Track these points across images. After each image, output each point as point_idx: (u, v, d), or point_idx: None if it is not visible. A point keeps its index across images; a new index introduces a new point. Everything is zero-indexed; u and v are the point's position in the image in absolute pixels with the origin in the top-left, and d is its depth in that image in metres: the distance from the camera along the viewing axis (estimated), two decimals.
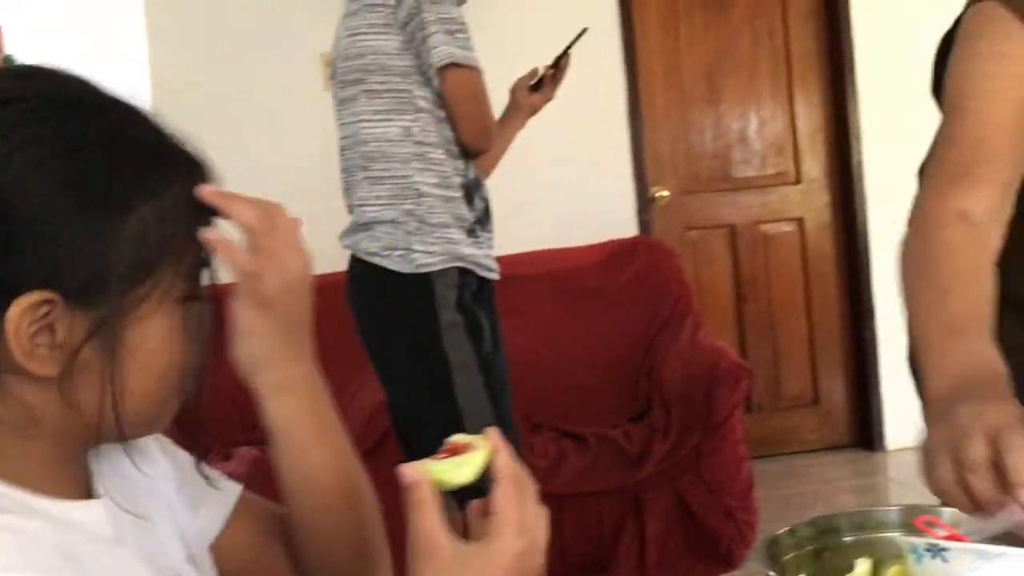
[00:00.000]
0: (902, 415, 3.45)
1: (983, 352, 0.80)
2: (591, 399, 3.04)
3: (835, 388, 3.84)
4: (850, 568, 0.72)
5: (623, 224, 3.56)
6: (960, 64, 1.00)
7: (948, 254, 0.88)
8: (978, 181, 0.92)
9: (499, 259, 2.02)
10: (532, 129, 2.41)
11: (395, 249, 1.84)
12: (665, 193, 3.70)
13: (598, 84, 3.53)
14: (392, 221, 1.84)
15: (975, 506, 0.69)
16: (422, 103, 1.83)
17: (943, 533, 0.69)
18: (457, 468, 0.62)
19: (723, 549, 2.75)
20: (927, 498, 0.75)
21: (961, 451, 0.69)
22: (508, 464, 0.62)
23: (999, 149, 0.93)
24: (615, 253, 3.31)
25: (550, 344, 3.13)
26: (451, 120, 1.85)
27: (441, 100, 1.83)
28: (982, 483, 0.67)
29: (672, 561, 2.74)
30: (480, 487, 0.63)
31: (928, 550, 0.65)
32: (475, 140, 1.86)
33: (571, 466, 2.69)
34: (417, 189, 1.83)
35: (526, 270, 3.20)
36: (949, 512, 0.72)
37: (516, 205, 3.44)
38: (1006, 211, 0.94)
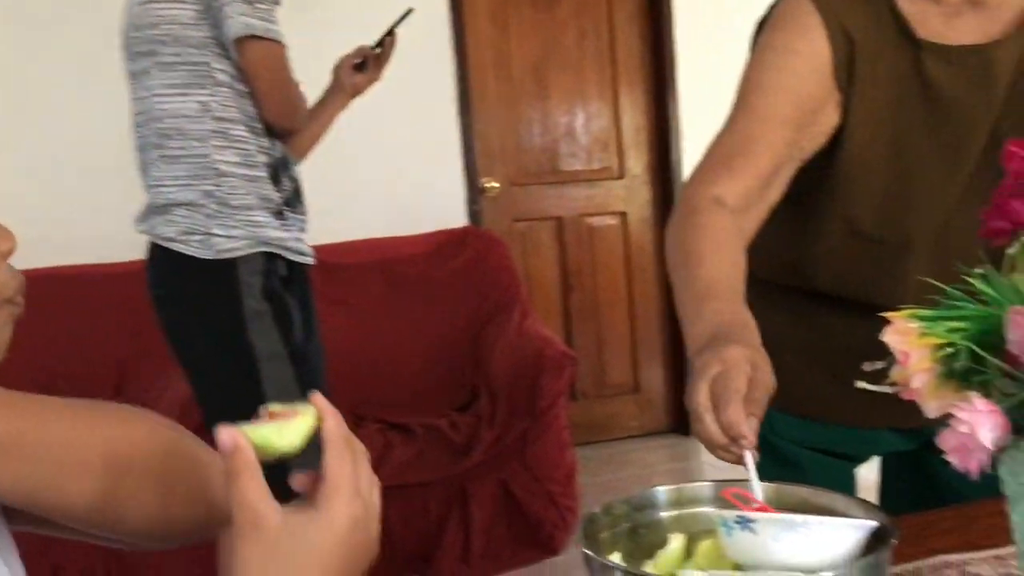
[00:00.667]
0: None
1: (728, 308, 0.86)
2: (418, 389, 3.01)
3: (654, 376, 3.99)
4: (665, 544, 0.73)
5: (453, 214, 3.55)
6: (756, 54, 1.04)
7: (699, 235, 0.94)
8: (735, 171, 0.97)
9: (324, 248, 1.95)
10: (362, 116, 2.35)
11: (194, 233, 1.72)
12: (495, 184, 3.71)
13: (428, 73, 3.50)
14: (190, 203, 1.72)
15: (714, 450, 0.74)
16: (221, 76, 1.72)
17: (751, 505, 0.71)
18: (282, 432, 0.56)
19: (546, 535, 2.79)
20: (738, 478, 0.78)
21: (688, 402, 0.75)
22: (338, 428, 0.58)
23: (765, 142, 0.98)
24: (444, 243, 3.29)
25: (377, 334, 3.08)
26: (253, 96, 1.75)
27: (243, 74, 1.73)
28: (706, 430, 0.74)
29: (497, 549, 2.75)
30: (300, 462, 0.58)
31: (737, 522, 0.66)
32: (278, 118, 1.77)
33: (397, 457, 2.65)
34: (217, 168, 1.72)
35: (353, 259, 3.13)
36: (758, 485, 0.73)
37: (344, 193, 3.36)
38: (767, 197, 1.00)
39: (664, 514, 0.76)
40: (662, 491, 0.77)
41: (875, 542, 0.67)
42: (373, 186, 3.45)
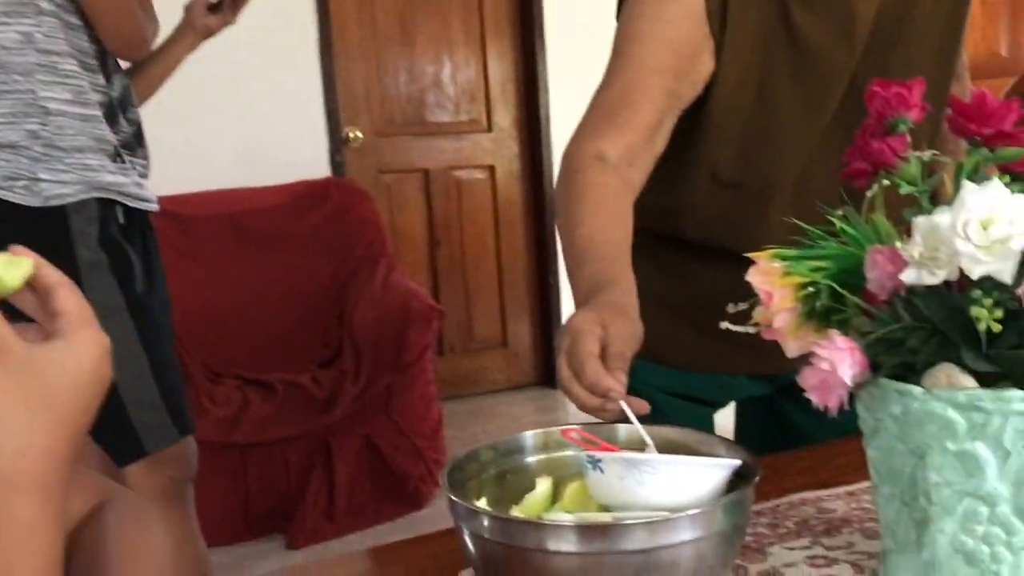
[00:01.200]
0: None
1: (599, 269, 0.86)
2: (278, 345, 2.92)
3: (522, 330, 4.01)
4: (532, 488, 0.71)
5: (315, 165, 3.43)
6: (630, 3, 1.02)
7: (581, 193, 0.93)
8: (617, 126, 0.97)
9: (176, 198, 1.84)
10: (217, 58, 2.22)
11: (18, 179, 1.55)
12: (359, 134, 3.61)
13: (287, 14, 3.35)
14: (12, 145, 1.55)
15: (596, 414, 0.74)
16: (45, 4, 1.55)
17: (595, 445, 0.71)
18: (9, 267, 0.52)
19: (411, 489, 2.77)
20: None
21: (558, 374, 0.76)
22: (58, 272, 0.55)
23: (647, 92, 0.97)
24: (305, 194, 3.18)
25: (233, 289, 2.96)
26: (86, 27, 1.60)
27: (72, 3, 1.58)
28: (578, 399, 0.74)
29: (361, 504, 2.72)
30: None
31: (589, 462, 0.66)
32: (117, 49, 1.63)
33: (255, 414, 2.57)
34: (44, 106, 1.56)
35: (206, 211, 2.99)
36: (642, 430, 0.73)
37: (198, 141, 3.19)
38: (652, 149, 0.99)
39: (531, 459, 0.75)
40: (529, 436, 0.76)
41: (738, 480, 0.67)
42: (229, 134, 3.29)
